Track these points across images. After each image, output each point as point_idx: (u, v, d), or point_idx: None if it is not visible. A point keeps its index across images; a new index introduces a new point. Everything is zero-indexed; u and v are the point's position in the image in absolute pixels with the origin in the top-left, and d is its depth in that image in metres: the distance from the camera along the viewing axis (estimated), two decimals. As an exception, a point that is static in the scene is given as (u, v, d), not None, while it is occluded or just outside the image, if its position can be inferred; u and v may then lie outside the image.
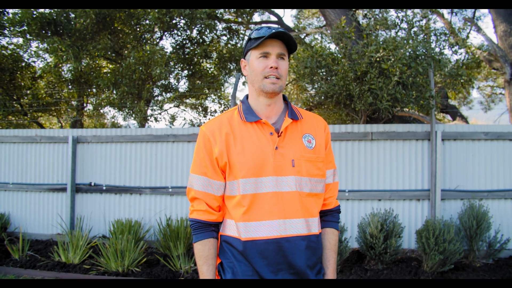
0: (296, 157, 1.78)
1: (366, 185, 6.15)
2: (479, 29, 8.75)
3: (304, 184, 1.79)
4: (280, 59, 1.80)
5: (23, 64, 9.07)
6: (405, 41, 5.16)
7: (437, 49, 5.46)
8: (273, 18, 12.90)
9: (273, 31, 1.75)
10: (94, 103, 8.80)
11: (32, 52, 8.72)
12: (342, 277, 5.06)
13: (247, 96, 1.93)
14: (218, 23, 9.19)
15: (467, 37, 8.91)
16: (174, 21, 7.69)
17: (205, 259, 1.82)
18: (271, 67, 1.77)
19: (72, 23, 7.41)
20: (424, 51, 5.11)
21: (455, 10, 10.11)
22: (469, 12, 10.19)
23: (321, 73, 5.83)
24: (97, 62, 9.58)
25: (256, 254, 1.74)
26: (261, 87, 1.80)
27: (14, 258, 6.06)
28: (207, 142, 1.83)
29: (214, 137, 1.81)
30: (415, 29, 5.72)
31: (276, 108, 1.88)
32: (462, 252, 5.12)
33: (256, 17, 14.03)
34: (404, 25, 5.74)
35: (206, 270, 1.81)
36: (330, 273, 1.90)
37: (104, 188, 7.06)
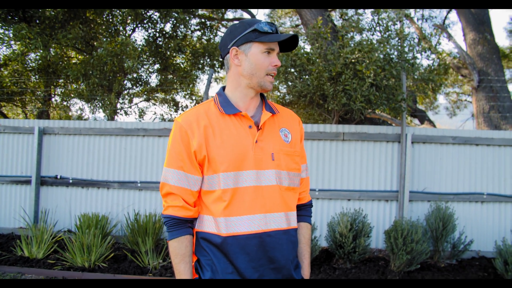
0: (275, 150, 1.77)
1: (336, 184, 6.21)
2: (449, 36, 8.99)
3: (283, 178, 1.78)
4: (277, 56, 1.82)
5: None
6: (380, 44, 5.23)
7: (410, 54, 5.57)
8: (247, 16, 12.88)
9: (291, 33, 1.78)
10: (62, 94, 8.53)
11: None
12: (311, 275, 5.09)
13: (223, 88, 1.88)
14: (192, 18, 9.09)
15: (438, 43, 9.13)
16: (148, 13, 7.56)
17: (182, 257, 1.74)
18: (275, 65, 1.77)
19: (41, 10, 7.17)
20: (398, 54, 5.19)
21: (426, 16, 10.34)
22: (439, 19, 10.44)
23: (295, 72, 5.85)
24: (66, 52, 9.31)
25: (237, 249, 1.69)
26: (261, 83, 1.78)
27: (-28, 252, 5.84)
28: (184, 135, 1.74)
29: (191, 129, 1.74)
30: (389, 32, 5.81)
31: (255, 101, 1.85)
32: (428, 253, 5.24)
33: (230, 14, 13.97)
34: (379, 28, 5.82)
35: (184, 269, 1.74)
36: (306, 267, 1.92)
37: (70, 181, 6.87)
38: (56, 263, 5.47)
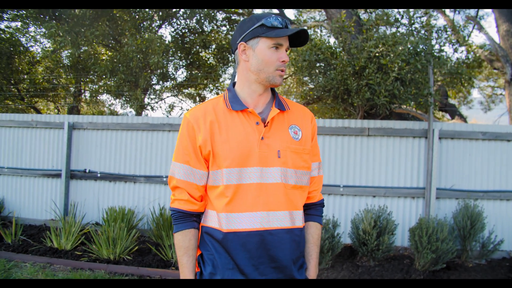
0: (282, 148, 1.73)
1: (361, 181, 6.12)
2: (481, 28, 8.68)
3: (289, 176, 1.74)
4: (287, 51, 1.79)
5: (21, 49, 9.00)
6: (405, 37, 5.10)
7: (437, 46, 5.40)
8: (275, 10, 12.80)
9: (300, 28, 1.73)
10: (91, 90, 8.74)
11: (30, 37, 8.66)
12: (333, 272, 5.05)
13: (233, 84, 1.87)
14: (218, 13, 9.11)
15: (469, 35, 8.84)
16: (174, 10, 7.63)
17: (185, 250, 1.77)
18: (283, 61, 1.74)
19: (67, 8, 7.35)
20: (424, 47, 5.05)
21: (458, 8, 10.02)
22: (472, 11, 10.11)
23: (319, 67, 5.78)
24: (95, 48, 9.52)
25: (238, 246, 1.68)
26: (269, 78, 1.75)
27: (6, 242, 6.05)
28: (190, 130, 1.76)
29: (198, 124, 1.75)
30: (416, 25, 5.67)
31: (264, 97, 1.82)
32: (455, 252, 5.10)
33: (258, 9, 13.93)
34: (405, 21, 5.68)
35: (186, 262, 1.76)
36: (312, 267, 1.87)
37: (98, 175, 7.03)
38: (83, 255, 5.61)
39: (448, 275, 5.00)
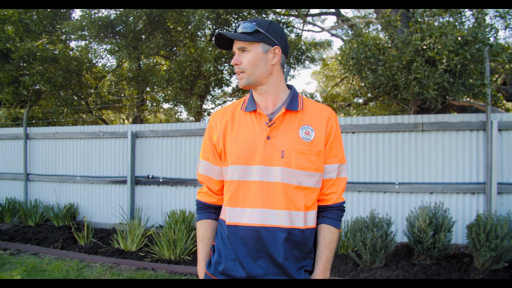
0: (287, 148, 1.77)
1: (417, 177, 5.96)
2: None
3: (292, 176, 1.77)
4: (243, 52, 1.82)
5: (88, 65, 9.68)
6: (452, 26, 4.91)
7: (490, 34, 5.14)
8: (331, 9, 12.70)
9: (217, 33, 1.84)
10: (151, 99, 9.22)
11: (94, 53, 9.30)
12: (387, 271, 4.97)
13: None
14: (267, 16, 9.22)
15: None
16: (226, 17, 7.86)
17: (201, 238, 1.95)
18: (235, 64, 1.83)
19: (123, 24, 7.78)
20: (472, 37, 4.82)
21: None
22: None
23: (368, 63, 5.70)
24: (154, 60, 10.02)
25: (238, 239, 1.78)
26: None
27: (80, 244, 6.55)
28: (210, 130, 1.93)
29: (216, 124, 1.91)
30: (468, 12, 5.43)
31: (270, 98, 1.87)
32: (518, 249, 4.83)
33: (314, 10, 13.87)
34: (454, 10, 5.45)
35: (201, 249, 1.95)
36: (319, 270, 1.84)
37: (161, 180, 7.39)
38: (146, 256, 5.95)
39: (511, 274, 4.75)
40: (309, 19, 12.11)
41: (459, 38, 4.82)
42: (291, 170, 1.77)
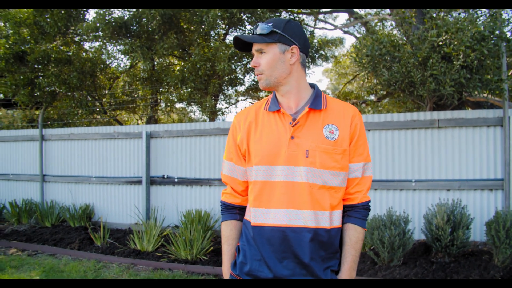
0: (311, 147, 1.75)
1: (434, 175, 5.91)
2: None
3: (316, 176, 1.75)
4: (261, 53, 1.81)
5: (102, 66, 9.76)
6: (468, 22, 4.86)
7: (507, 28, 5.08)
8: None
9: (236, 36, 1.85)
10: (165, 100, 9.27)
11: (108, 54, 9.37)
12: (406, 269, 4.94)
13: None
14: (280, 15, 9.21)
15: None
16: (240, 16, 7.87)
17: (226, 239, 1.95)
18: (254, 66, 1.84)
19: (137, 25, 7.82)
20: (488, 32, 4.76)
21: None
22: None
23: (383, 60, 5.66)
24: (168, 60, 10.06)
25: (263, 240, 1.77)
26: None
27: (96, 245, 6.60)
28: (234, 130, 1.93)
29: (239, 125, 1.91)
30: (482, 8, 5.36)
31: (293, 98, 1.85)
32: (538, 246, 4.77)
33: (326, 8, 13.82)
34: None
35: (225, 249, 1.95)
36: (345, 270, 1.81)
37: (176, 180, 7.42)
38: (163, 256, 5.98)
39: (532, 271, 4.69)
40: (320, 16, 12.06)
41: (476, 34, 4.76)
42: (316, 170, 1.75)
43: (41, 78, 9.19)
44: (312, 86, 1.93)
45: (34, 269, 5.61)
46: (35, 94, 9.51)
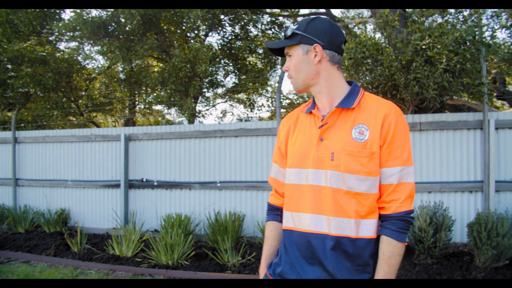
0: (337, 150, 1.63)
1: (415, 177, 5.94)
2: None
3: (340, 180, 1.63)
4: (289, 57, 1.77)
5: (78, 67, 9.53)
6: (450, 26, 4.93)
7: (487, 33, 5.17)
8: (321, 10, 12.73)
9: (271, 42, 1.81)
10: (144, 101, 9.12)
11: (85, 55, 9.17)
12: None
13: None
14: (262, 17, 9.19)
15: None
16: (219, 18, 7.81)
17: (266, 239, 1.97)
18: (286, 70, 1.81)
19: (116, 25, 7.67)
20: (471, 37, 4.84)
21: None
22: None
23: (366, 64, 5.68)
24: (146, 62, 9.91)
25: (292, 244, 1.74)
26: None
27: (73, 251, 6.40)
28: (278, 134, 1.95)
29: (283, 128, 1.92)
30: (465, 12, 5.45)
31: (325, 99, 1.75)
32: (518, 247, 4.85)
33: (305, 10, 13.90)
34: (452, 10, 5.47)
35: (264, 249, 1.97)
36: None
37: (155, 183, 7.29)
38: (143, 261, 5.84)
39: (512, 271, 4.77)
40: (299, 19, 12.09)
41: (458, 38, 4.83)
42: (340, 174, 1.63)
43: (14, 78, 8.91)
44: (350, 83, 1.79)
45: (7, 277, 5.39)
46: (8, 95, 9.21)
